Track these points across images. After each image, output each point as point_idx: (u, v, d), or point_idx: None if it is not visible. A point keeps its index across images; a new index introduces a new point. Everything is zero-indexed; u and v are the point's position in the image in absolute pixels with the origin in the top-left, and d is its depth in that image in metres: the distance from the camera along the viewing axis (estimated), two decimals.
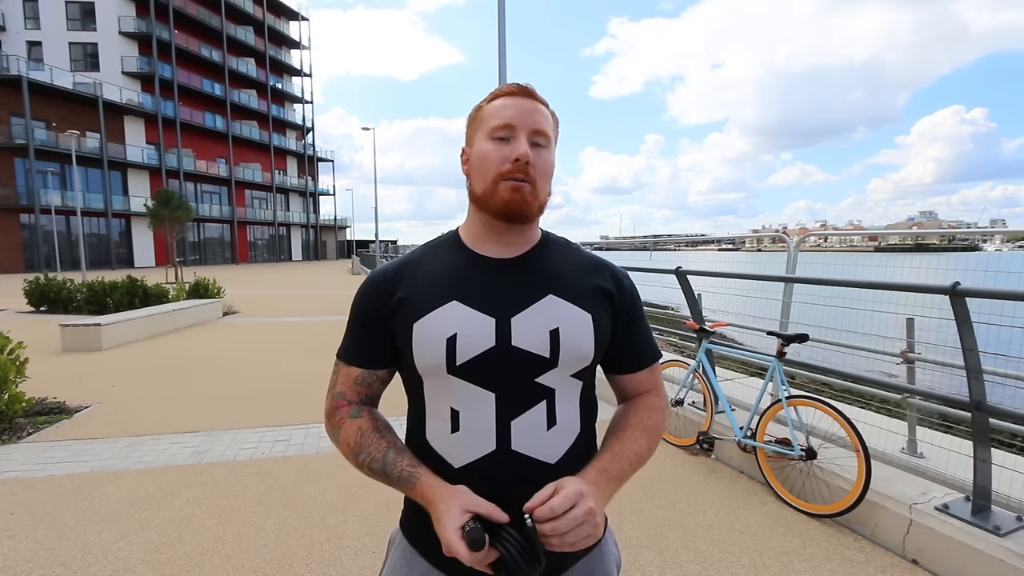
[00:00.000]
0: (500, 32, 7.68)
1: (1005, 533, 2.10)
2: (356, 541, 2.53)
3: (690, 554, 2.43)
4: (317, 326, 9.87)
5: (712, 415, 3.51)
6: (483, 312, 0.83)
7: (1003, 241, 12.78)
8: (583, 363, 0.86)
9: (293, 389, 5.30)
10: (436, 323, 0.83)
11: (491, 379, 0.82)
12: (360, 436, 0.87)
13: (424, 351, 0.83)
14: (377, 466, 0.84)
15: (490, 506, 0.76)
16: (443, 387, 0.84)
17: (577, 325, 0.85)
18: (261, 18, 46.25)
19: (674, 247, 10.61)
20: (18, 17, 32.55)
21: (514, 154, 0.81)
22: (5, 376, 4.12)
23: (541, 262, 0.90)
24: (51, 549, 2.47)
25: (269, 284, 21.65)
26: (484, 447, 0.82)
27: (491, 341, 0.81)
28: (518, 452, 0.82)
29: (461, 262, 0.89)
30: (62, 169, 29.36)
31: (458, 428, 0.83)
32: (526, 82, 0.88)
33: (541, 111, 0.86)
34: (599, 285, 0.90)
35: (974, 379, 2.24)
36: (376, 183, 31.66)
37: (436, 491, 0.79)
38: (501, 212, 0.84)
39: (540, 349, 0.82)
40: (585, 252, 0.96)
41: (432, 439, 0.86)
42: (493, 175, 0.83)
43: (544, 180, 0.85)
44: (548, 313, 0.84)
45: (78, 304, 10.59)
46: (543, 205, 0.87)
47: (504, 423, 0.82)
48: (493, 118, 0.85)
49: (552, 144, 0.88)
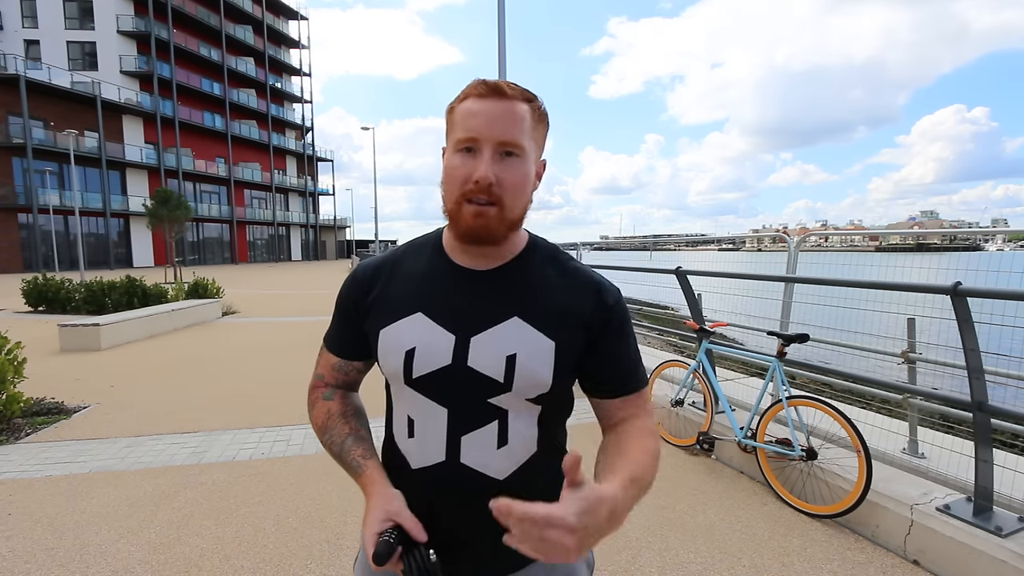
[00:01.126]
0: (500, 32, 7.67)
1: (1007, 534, 2.10)
2: (356, 541, 2.52)
3: (690, 554, 2.42)
4: (317, 326, 9.86)
5: (712, 415, 3.50)
6: (445, 328, 0.82)
7: (1005, 241, 12.80)
8: (539, 390, 0.82)
9: (293, 389, 5.29)
10: (399, 334, 0.84)
11: (444, 395, 0.82)
12: (327, 418, 0.92)
13: (386, 359, 0.85)
14: (336, 449, 0.89)
15: (412, 521, 0.78)
16: (402, 395, 0.86)
17: (536, 352, 0.80)
18: (260, 17, 46.18)
19: (674, 247, 10.61)
20: (16, 15, 32.47)
21: (474, 176, 0.76)
22: (3, 376, 4.11)
23: (516, 278, 0.85)
24: (49, 550, 2.46)
25: (268, 284, 21.63)
26: (435, 456, 0.83)
27: (447, 359, 0.81)
28: (466, 465, 0.82)
29: (436, 270, 0.87)
30: (60, 168, 29.31)
31: (413, 435, 0.85)
32: (498, 78, 0.83)
33: (513, 113, 0.77)
34: (574, 307, 0.84)
35: (976, 379, 2.24)
36: (376, 183, 31.70)
37: (373, 489, 0.82)
38: (464, 236, 0.81)
39: (495, 373, 0.80)
40: (570, 265, 0.89)
41: (396, 437, 0.90)
42: (457, 194, 0.78)
43: (515, 195, 0.79)
44: (508, 337, 0.81)
45: (76, 304, 10.57)
46: (515, 222, 0.82)
47: (455, 437, 0.82)
48: (458, 127, 0.79)
49: (528, 150, 0.79)
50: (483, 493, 0.76)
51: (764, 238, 9.98)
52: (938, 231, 14.48)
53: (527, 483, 0.84)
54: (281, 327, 9.74)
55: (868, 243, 15.77)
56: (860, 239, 14.24)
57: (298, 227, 52.00)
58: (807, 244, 4.32)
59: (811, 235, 4.67)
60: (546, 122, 0.85)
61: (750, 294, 4.14)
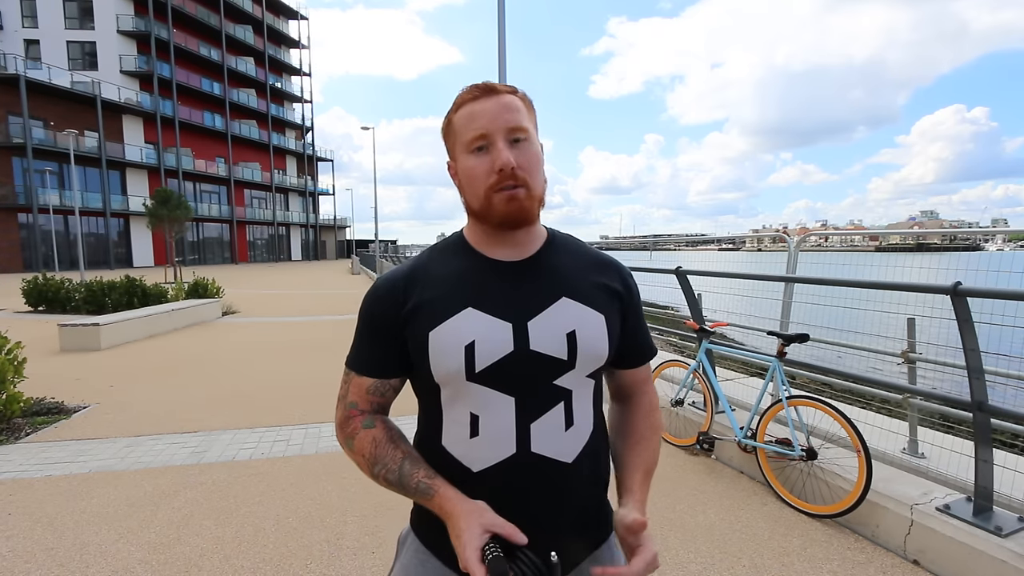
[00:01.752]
0: (500, 32, 7.66)
1: (1007, 534, 2.10)
2: (356, 541, 2.52)
3: (690, 554, 2.42)
4: (317, 326, 9.87)
5: (712, 415, 3.50)
6: (499, 317, 0.83)
7: (1005, 240, 12.79)
8: (598, 363, 0.87)
9: (293, 389, 5.29)
10: (453, 331, 0.82)
11: (511, 383, 0.82)
12: (375, 447, 0.86)
13: (441, 359, 0.82)
14: (393, 477, 0.84)
15: (510, 527, 0.76)
16: (462, 393, 0.84)
17: (592, 326, 0.86)
18: (260, 17, 46.19)
19: (674, 247, 10.61)
20: (16, 15, 32.47)
21: (497, 164, 0.80)
22: (3, 376, 4.11)
23: (551, 263, 0.89)
24: (49, 550, 2.46)
25: (268, 284, 21.63)
26: (504, 450, 0.83)
27: (510, 346, 0.82)
28: (538, 454, 0.83)
29: (471, 267, 0.87)
30: (60, 168, 29.32)
31: (477, 433, 0.83)
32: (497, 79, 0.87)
33: (510, 104, 0.83)
34: (609, 285, 0.91)
35: (976, 379, 2.24)
36: (376, 183, 31.61)
37: (456, 506, 0.79)
38: (503, 223, 0.84)
39: (558, 352, 0.83)
40: (592, 250, 0.96)
41: (449, 444, 0.86)
42: (484, 190, 0.82)
43: (535, 175, 0.83)
44: (564, 316, 0.85)
45: (76, 304, 10.57)
46: (543, 199, 0.86)
47: (524, 426, 0.83)
48: (465, 131, 0.83)
49: (532, 133, 0.85)
50: (553, 480, 0.84)
51: (764, 238, 9.99)
52: (938, 231, 14.47)
53: (589, 463, 0.89)
54: (281, 327, 9.74)
55: (868, 243, 15.78)
56: (860, 239, 14.24)
57: (298, 227, 52.00)
58: (807, 244, 4.32)
59: (811, 235, 4.67)
60: (534, 109, 0.90)
61: (750, 294, 4.14)
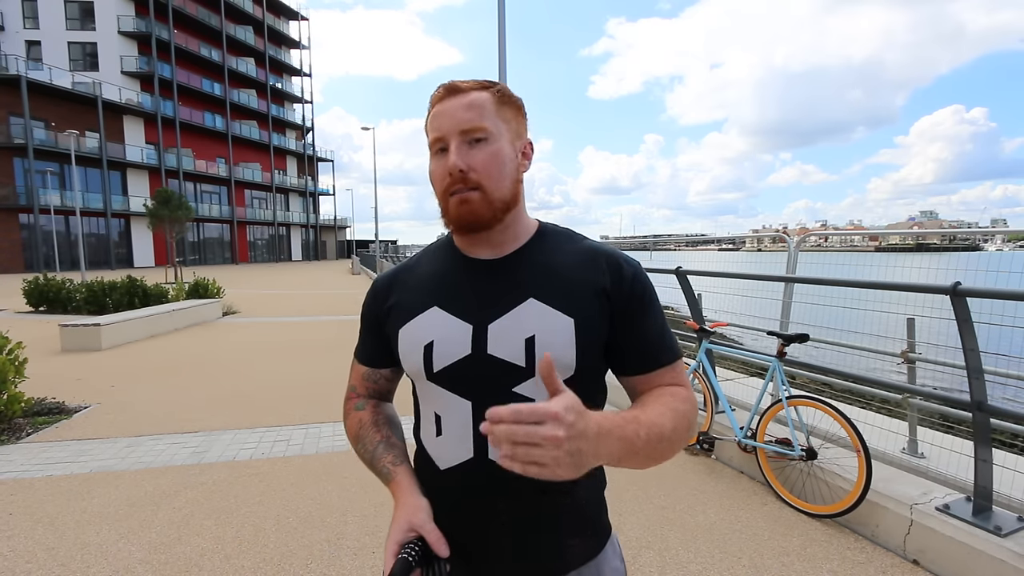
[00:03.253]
0: (500, 32, 7.66)
1: (1006, 534, 2.10)
2: (356, 541, 2.53)
3: (690, 554, 2.42)
4: (317, 326, 9.87)
5: (712, 415, 3.50)
6: (461, 318, 0.82)
7: (1004, 241, 12.80)
8: (564, 373, 0.79)
9: (293, 389, 5.30)
10: (416, 330, 0.84)
11: (468, 387, 0.81)
12: (360, 427, 0.94)
13: (406, 357, 0.85)
14: (367, 457, 0.91)
15: (435, 535, 0.77)
16: (426, 392, 0.86)
17: (556, 332, 0.79)
18: (261, 18, 46.24)
19: (674, 247, 10.60)
20: (17, 16, 32.52)
21: (446, 168, 0.79)
22: (4, 376, 4.11)
23: (528, 261, 0.85)
24: (50, 550, 2.46)
25: (269, 284, 21.64)
26: (463, 454, 0.82)
27: (467, 349, 0.80)
28: (493, 461, 0.78)
29: (450, 266, 0.88)
30: (61, 169, 29.36)
31: (441, 432, 0.84)
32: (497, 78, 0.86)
33: (470, 103, 0.80)
34: (591, 280, 0.83)
35: (975, 379, 2.24)
36: (376, 183, 31.61)
37: (400, 496, 0.82)
38: (458, 227, 0.83)
39: (515, 358, 0.79)
40: (584, 243, 0.89)
41: (423, 439, 0.89)
42: (440, 191, 0.82)
43: (492, 176, 0.79)
44: (525, 319, 0.80)
45: (77, 304, 10.58)
46: (504, 202, 0.81)
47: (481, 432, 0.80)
48: (429, 132, 0.84)
49: (495, 132, 0.80)
50: (513, 488, 0.78)
51: (764, 238, 9.98)
52: (937, 231, 14.48)
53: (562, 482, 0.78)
54: (281, 327, 9.74)
55: (868, 243, 15.78)
56: (860, 239, 14.24)
57: (298, 227, 52.03)
58: (807, 244, 4.32)
59: (811, 235, 4.67)
60: (514, 103, 0.85)
61: (750, 294, 4.14)
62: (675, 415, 0.77)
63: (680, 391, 0.83)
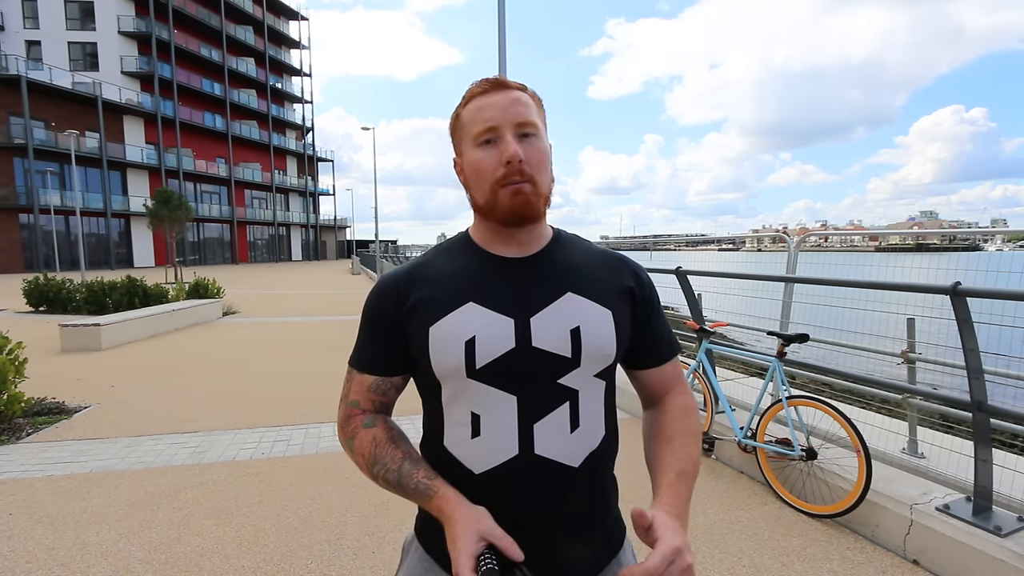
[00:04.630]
0: (500, 32, 7.66)
1: (1006, 534, 2.10)
2: (356, 541, 2.53)
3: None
4: (317, 326, 9.87)
5: (712, 415, 3.50)
6: (501, 313, 0.81)
7: (1004, 241, 12.79)
8: (605, 362, 0.84)
9: (293, 389, 5.30)
10: (453, 326, 0.80)
11: (513, 381, 0.80)
12: (375, 447, 0.84)
13: (442, 355, 0.80)
14: (392, 478, 0.82)
15: (507, 540, 0.73)
16: (463, 391, 0.81)
17: (598, 323, 0.82)
18: (261, 18, 46.23)
19: (674, 247, 10.60)
20: (17, 16, 32.52)
21: (504, 157, 0.78)
22: (4, 376, 4.11)
23: (557, 259, 0.87)
24: (50, 549, 2.46)
25: (269, 284, 21.64)
26: (506, 452, 0.79)
27: (511, 342, 0.79)
28: (541, 456, 0.79)
29: (475, 263, 0.86)
30: (61, 169, 29.35)
31: (479, 433, 0.81)
32: (494, 75, 0.86)
33: (520, 99, 0.82)
34: (619, 282, 0.88)
35: (975, 379, 2.24)
36: (376, 183, 31.62)
37: (455, 509, 0.76)
38: (508, 219, 0.82)
39: (561, 349, 0.80)
40: (600, 249, 0.94)
41: (451, 445, 0.83)
42: (490, 183, 0.80)
43: (542, 171, 0.82)
44: (568, 311, 0.82)
45: (77, 304, 10.58)
46: (548, 196, 0.84)
47: (527, 426, 0.79)
48: (474, 124, 0.82)
49: (541, 129, 0.84)
50: (557, 485, 0.80)
51: (764, 238, 9.98)
52: (937, 231, 14.47)
53: (597, 469, 0.84)
54: (281, 327, 9.74)
55: (868, 243, 15.78)
56: (860, 239, 14.23)
57: (298, 227, 52.03)
58: (807, 244, 4.32)
59: (811, 235, 4.67)
60: (543, 108, 0.89)
61: (750, 294, 4.14)
62: (695, 437, 0.89)
63: (684, 401, 0.93)
